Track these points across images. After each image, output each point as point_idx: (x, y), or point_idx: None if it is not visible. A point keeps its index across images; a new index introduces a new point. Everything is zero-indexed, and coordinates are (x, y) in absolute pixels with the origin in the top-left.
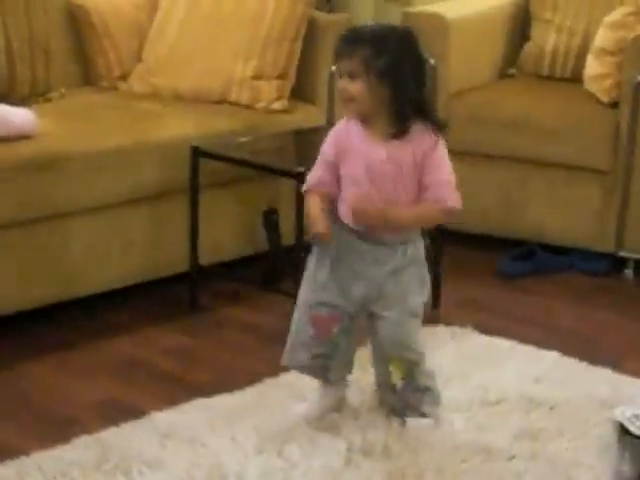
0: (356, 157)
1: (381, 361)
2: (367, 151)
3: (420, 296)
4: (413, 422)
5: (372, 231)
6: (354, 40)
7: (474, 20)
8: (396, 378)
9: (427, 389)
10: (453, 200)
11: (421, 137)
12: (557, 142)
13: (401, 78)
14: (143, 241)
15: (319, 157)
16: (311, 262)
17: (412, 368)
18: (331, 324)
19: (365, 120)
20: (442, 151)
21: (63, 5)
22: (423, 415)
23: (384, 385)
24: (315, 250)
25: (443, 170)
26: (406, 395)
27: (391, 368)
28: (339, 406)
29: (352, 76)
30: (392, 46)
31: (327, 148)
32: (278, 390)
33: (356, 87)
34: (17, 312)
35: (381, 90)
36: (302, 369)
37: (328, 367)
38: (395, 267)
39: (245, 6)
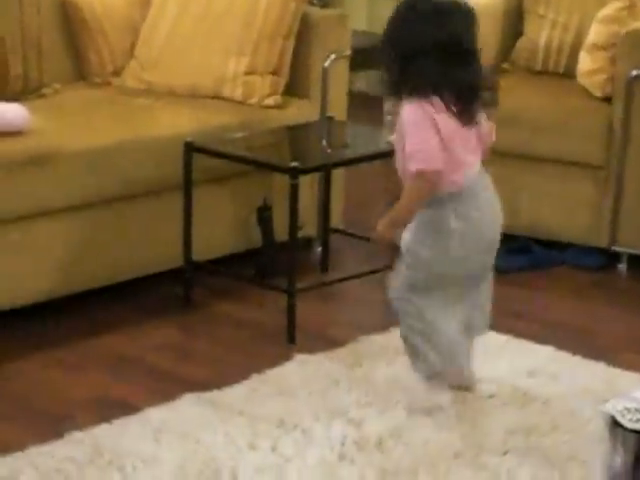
0: None
1: None
2: None
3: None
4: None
5: None
6: None
7: None
8: None
9: (414, 352)
10: (411, 165)
11: (402, 109)
12: (550, 137)
13: (385, 55)
14: (137, 237)
15: None
16: None
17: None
18: None
19: None
20: (406, 118)
21: (56, 1)
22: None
23: None
24: None
25: (408, 139)
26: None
27: None
28: None
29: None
30: (389, 23)
31: None
32: (271, 385)
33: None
34: (9, 309)
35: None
36: None
37: None
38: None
39: (238, 2)
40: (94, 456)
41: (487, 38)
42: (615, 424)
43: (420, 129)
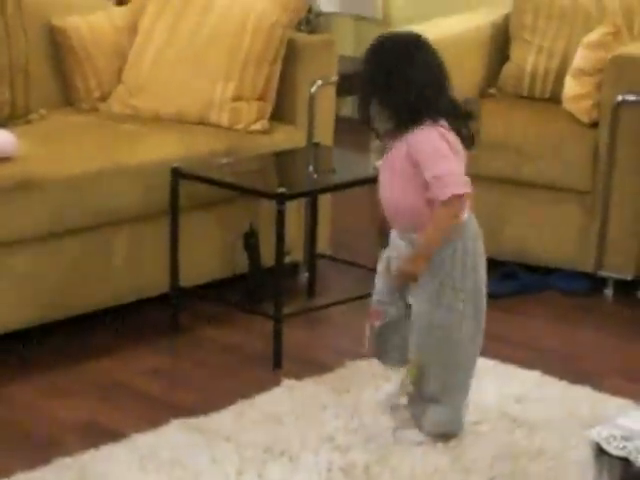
0: None
1: None
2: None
3: (437, 305)
4: (401, 434)
5: (403, 232)
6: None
7: (454, 41)
8: (407, 382)
9: (432, 402)
10: (446, 190)
11: (410, 134)
12: (537, 162)
13: (382, 89)
14: (124, 263)
15: None
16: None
17: (421, 373)
18: (374, 318)
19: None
20: (426, 145)
21: (43, 27)
22: (420, 428)
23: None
24: None
25: (431, 166)
26: (413, 404)
27: (407, 369)
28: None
29: (364, 100)
30: (371, 60)
31: None
32: (257, 411)
33: (373, 111)
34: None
35: (378, 104)
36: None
37: (384, 351)
38: None
39: (224, 28)
40: None
41: (474, 63)
42: (601, 451)
43: (441, 153)
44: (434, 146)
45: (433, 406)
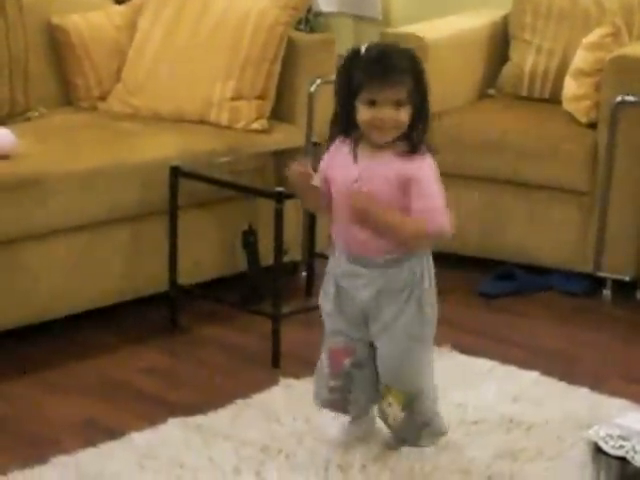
0: (336, 179)
1: (381, 390)
2: (344, 172)
3: (418, 321)
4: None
5: (359, 253)
6: (395, 68)
7: (453, 41)
8: (396, 409)
9: (426, 425)
10: (444, 221)
11: (409, 159)
12: (536, 163)
13: (427, 103)
14: (123, 261)
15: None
16: (320, 293)
17: (411, 401)
18: (343, 357)
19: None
20: (431, 175)
21: (43, 25)
22: (420, 447)
23: (383, 416)
24: (324, 282)
25: (433, 196)
26: (403, 430)
27: (390, 398)
28: (365, 439)
29: (399, 104)
30: (422, 73)
31: (321, 164)
32: (255, 410)
33: (404, 115)
34: None
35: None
36: (323, 404)
37: (347, 400)
38: (384, 289)
39: (224, 27)
40: None
41: (473, 64)
42: (598, 450)
43: (439, 187)
44: (436, 178)
45: (427, 428)
